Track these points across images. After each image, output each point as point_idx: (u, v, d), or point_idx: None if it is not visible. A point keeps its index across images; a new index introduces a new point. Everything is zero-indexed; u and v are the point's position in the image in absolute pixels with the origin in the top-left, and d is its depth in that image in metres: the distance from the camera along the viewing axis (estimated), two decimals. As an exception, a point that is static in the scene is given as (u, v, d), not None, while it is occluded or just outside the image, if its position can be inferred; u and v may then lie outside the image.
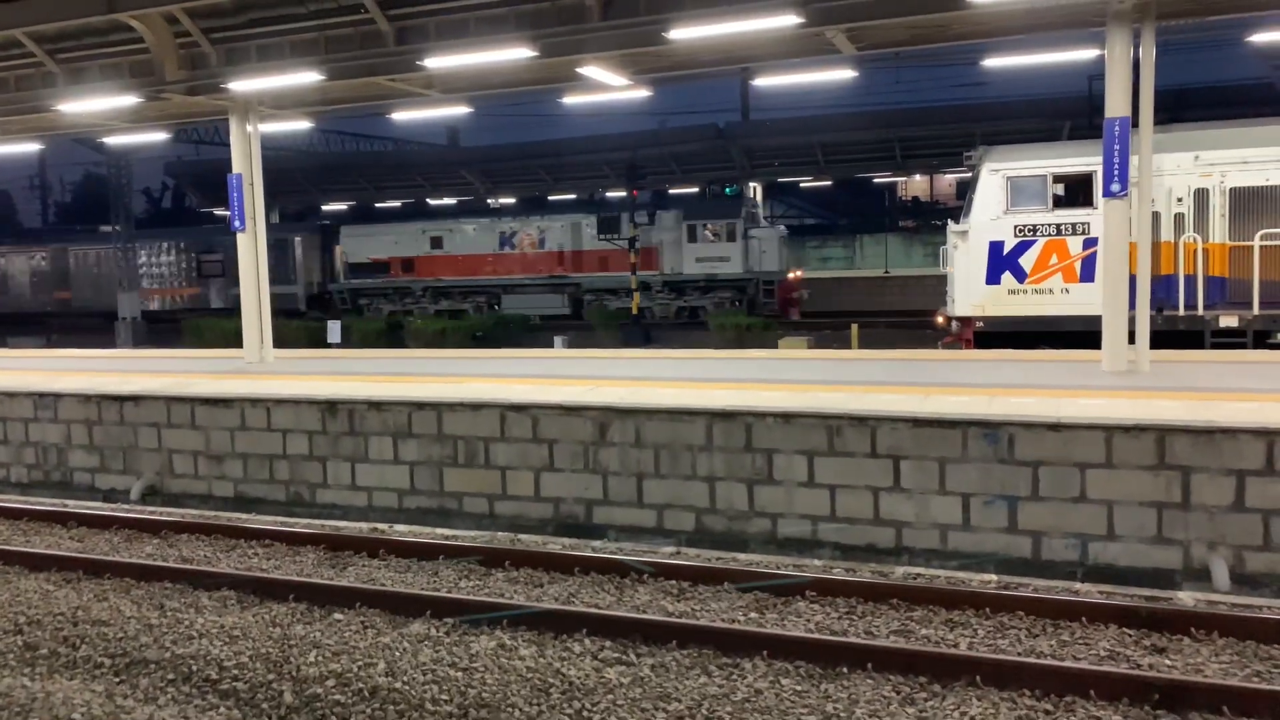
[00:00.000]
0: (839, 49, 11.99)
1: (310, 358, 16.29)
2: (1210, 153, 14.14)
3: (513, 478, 10.10)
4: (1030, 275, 14.65)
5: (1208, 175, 14.13)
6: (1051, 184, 14.58)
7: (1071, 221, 14.49)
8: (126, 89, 14.22)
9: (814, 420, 8.87)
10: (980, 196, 14.97)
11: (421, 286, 32.87)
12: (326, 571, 8.32)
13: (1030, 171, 14.67)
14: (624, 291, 29.81)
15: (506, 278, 31.77)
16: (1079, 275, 14.41)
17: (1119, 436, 7.94)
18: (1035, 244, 14.62)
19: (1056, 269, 14.54)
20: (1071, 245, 14.48)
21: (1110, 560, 8.01)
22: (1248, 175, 13.98)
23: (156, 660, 6.41)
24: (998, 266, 14.80)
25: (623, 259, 29.62)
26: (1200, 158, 14.12)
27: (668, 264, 29.56)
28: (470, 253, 32.32)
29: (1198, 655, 6.05)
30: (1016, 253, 14.70)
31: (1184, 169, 14.22)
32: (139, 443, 12.02)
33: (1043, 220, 14.60)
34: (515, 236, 31.73)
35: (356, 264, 33.85)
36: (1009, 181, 14.74)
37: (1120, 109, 10.57)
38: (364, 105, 16.31)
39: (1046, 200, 14.60)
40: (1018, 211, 14.71)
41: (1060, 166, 14.62)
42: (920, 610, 6.92)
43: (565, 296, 31.22)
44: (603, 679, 5.88)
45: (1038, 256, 14.60)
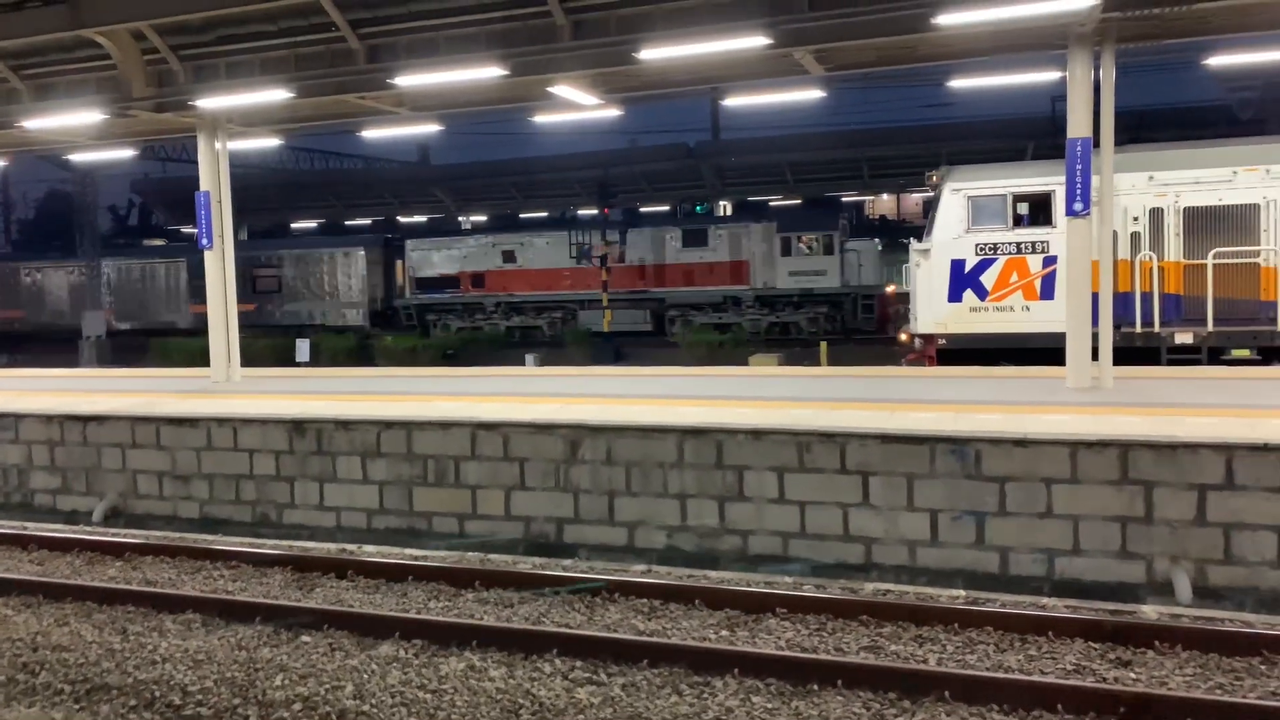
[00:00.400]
0: (807, 70, 12.12)
1: (278, 376, 16.13)
2: (1164, 173, 14.48)
3: (483, 497, 10.04)
4: (991, 293, 14.89)
5: (1162, 195, 14.46)
6: (1012, 203, 14.83)
7: (1031, 240, 14.74)
8: (93, 106, 14.07)
9: (784, 437, 8.91)
10: (942, 216, 15.19)
11: (494, 302, 31.64)
12: (294, 593, 8.21)
13: (991, 191, 14.92)
14: (710, 307, 28.95)
15: (584, 293, 30.64)
16: (1039, 293, 14.67)
17: (1084, 452, 8.04)
18: (996, 262, 14.86)
19: (1017, 287, 14.79)
20: (1032, 263, 14.74)
21: (1076, 575, 8.08)
22: (1200, 195, 14.32)
23: (119, 686, 6.28)
24: (959, 284, 15.03)
25: (710, 273, 28.71)
26: (1155, 178, 14.44)
27: (759, 278, 28.53)
28: (544, 267, 31.23)
29: (1162, 668, 6.12)
30: (978, 271, 14.94)
31: (1139, 189, 14.53)
32: (102, 463, 11.83)
33: (1003, 239, 14.85)
34: (592, 250, 30.30)
35: (424, 279, 32.39)
36: (970, 201, 14.99)
37: (1082, 129, 10.76)
38: (334, 123, 16.26)
39: (1007, 219, 14.84)
40: (979, 230, 14.96)
41: (1020, 186, 14.89)
42: (890, 626, 6.94)
43: (647, 312, 30.17)
44: (573, 699, 5.84)
45: (998, 274, 14.85)
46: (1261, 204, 14.04)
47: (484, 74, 11.97)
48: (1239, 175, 14.16)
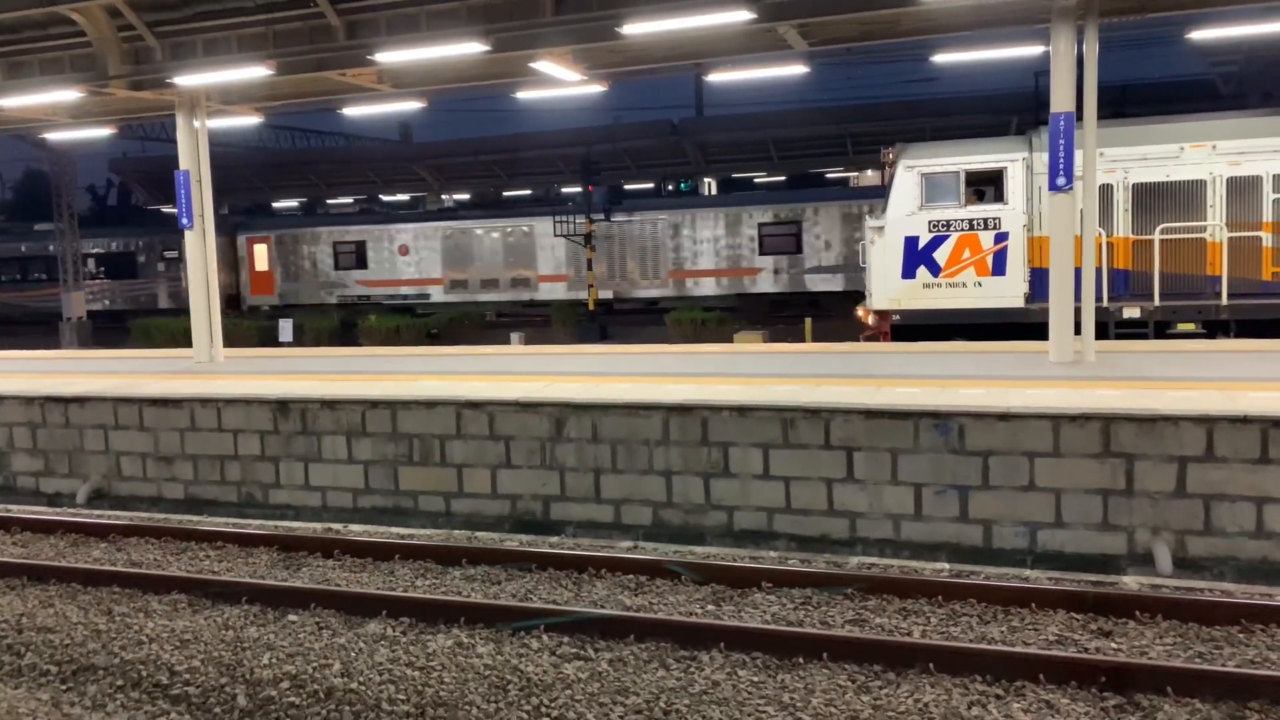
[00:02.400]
0: (791, 45, 12.07)
1: (261, 356, 16.03)
2: (1114, 149, 14.59)
3: (469, 475, 10.04)
4: (944, 269, 15.02)
5: (1111, 171, 14.57)
6: (965, 180, 14.95)
7: (983, 217, 14.87)
8: (68, 83, 13.87)
9: (769, 413, 8.93)
10: (896, 193, 15.28)
11: None
12: (280, 573, 8.21)
13: (944, 168, 15.01)
14: None
15: None
16: (990, 269, 14.83)
17: (1066, 425, 8.10)
18: (949, 239, 14.98)
19: (969, 263, 14.92)
20: (984, 239, 14.87)
21: (1058, 547, 8.17)
22: (1149, 171, 14.47)
23: (105, 666, 6.27)
24: (913, 261, 15.14)
25: None
26: (1104, 154, 14.48)
27: None
28: None
29: (1142, 638, 6.19)
30: (931, 247, 15.06)
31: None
32: (85, 445, 11.75)
33: (956, 215, 14.96)
34: None
35: None
36: (923, 178, 15.07)
37: (1065, 104, 10.76)
38: (314, 100, 16.07)
39: (959, 196, 14.97)
40: (932, 207, 15.06)
41: (972, 164, 15.00)
42: (874, 599, 7.00)
43: None
44: (561, 674, 5.87)
45: (951, 251, 14.97)
46: (1208, 180, 14.22)
47: (465, 50, 11.85)
48: (1186, 151, 14.32)
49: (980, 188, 15.09)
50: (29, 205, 55.72)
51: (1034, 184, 14.73)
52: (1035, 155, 14.75)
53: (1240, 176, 14.10)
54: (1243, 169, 14.08)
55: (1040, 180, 14.62)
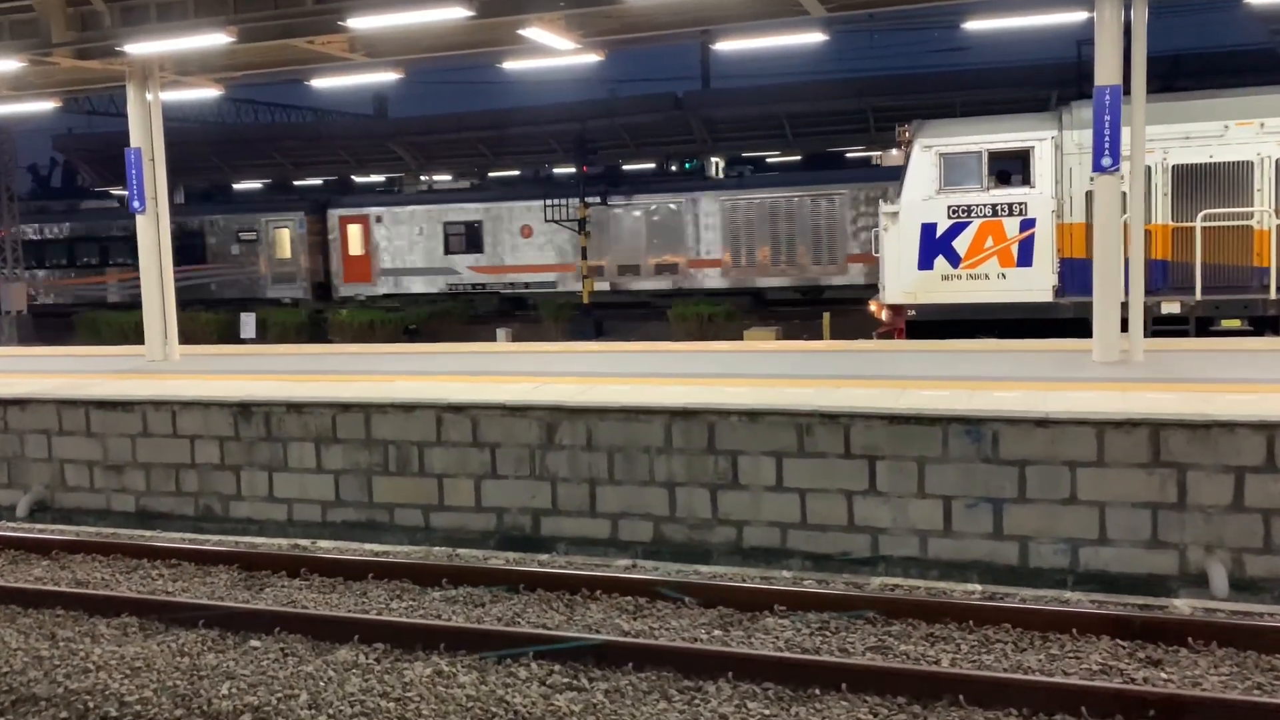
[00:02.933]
0: (807, 9, 12.06)
1: (221, 354, 16.06)
2: (1152, 127, 14.41)
3: (450, 486, 10.05)
4: (965, 259, 14.93)
5: (1150, 151, 14.34)
6: (987, 161, 14.84)
7: (1008, 201, 14.76)
8: (7, 52, 13.87)
9: (782, 418, 8.94)
10: (912, 175, 15.18)
11: None
12: (241, 594, 8.21)
13: (964, 148, 14.90)
14: None
15: None
16: (1016, 259, 14.73)
17: (1111, 432, 8.10)
18: (970, 226, 14.87)
19: (992, 252, 14.82)
20: (1008, 227, 14.76)
21: (1102, 566, 8.17)
22: (1190, 152, 14.33)
23: (47, 696, 6.28)
24: (930, 250, 15.03)
25: None
26: None
27: None
28: None
29: (1195, 667, 6.19)
30: (950, 235, 14.94)
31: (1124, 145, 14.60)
32: (26, 452, 11.76)
33: (978, 200, 14.84)
34: None
35: None
36: (942, 159, 14.97)
37: (1111, 76, 10.77)
38: (280, 71, 16.07)
39: (982, 179, 14.85)
40: (951, 191, 14.96)
41: (996, 143, 14.88)
42: (899, 624, 7.00)
43: None
44: (551, 706, 5.87)
45: (972, 239, 14.85)
46: (1255, 161, 14.09)
47: (447, 14, 11.85)
48: (1231, 130, 14.18)
49: (1005, 169, 15.01)
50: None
51: (1064, 165, 14.63)
52: (1066, 134, 14.64)
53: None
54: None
55: (1072, 161, 14.58)
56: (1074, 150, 14.59)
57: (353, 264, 31.30)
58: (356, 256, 31.17)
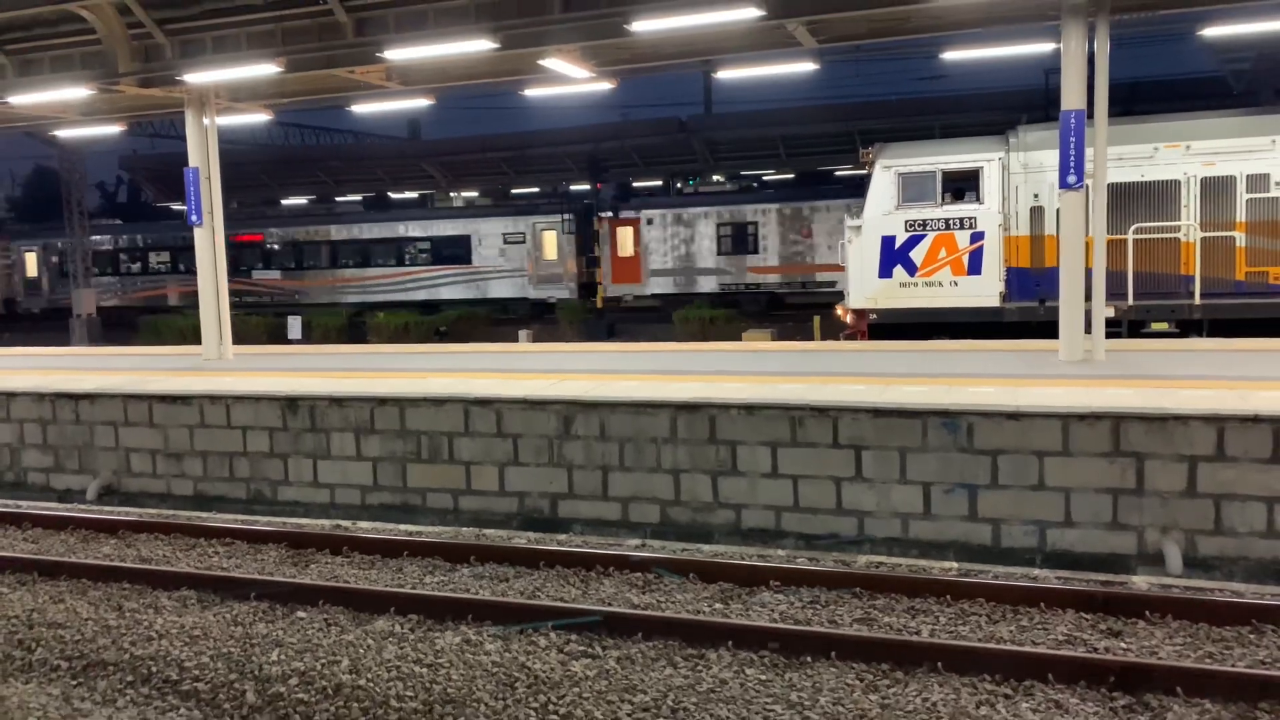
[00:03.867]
0: (800, 42, 12.05)
1: (270, 353, 16.09)
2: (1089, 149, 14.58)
3: (477, 473, 10.06)
4: (920, 268, 15.12)
5: None
6: (941, 180, 15.01)
7: (960, 216, 14.95)
8: (79, 81, 13.92)
9: (777, 411, 8.93)
10: (874, 192, 15.36)
11: None
12: (289, 569, 8.24)
13: (921, 168, 15.10)
14: None
15: None
16: (967, 268, 14.92)
17: (1075, 424, 8.07)
18: (925, 238, 15.07)
19: (945, 262, 15.01)
20: (960, 239, 14.95)
21: (1068, 546, 8.15)
22: (1123, 171, 14.50)
23: (115, 662, 6.30)
24: (890, 260, 15.22)
25: None
26: None
27: None
28: None
29: (1152, 638, 6.17)
30: (907, 247, 15.15)
31: None
32: (95, 441, 11.81)
33: (932, 215, 15.05)
34: None
35: None
36: (900, 178, 15.16)
37: (1076, 101, 10.73)
38: (323, 98, 16.09)
39: (936, 196, 15.04)
40: (909, 207, 15.15)
41: (949, 163, 15.08)
42: (883, 599, 6.99)
43: None
44: (569, 672, 5.88)
45: (927, 250, 15.06)
46: (1182, 180, 14.29)
47: (474, 47, 11.86)
48: (1160, 151, 14.35)
49: (959, 188, 15.17)
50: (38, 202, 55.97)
51: (1011, 183, 14.88)
52: (1012, 155, 14.90)
53: (1214, 177, 14.18)
54: (1217, 169, 14.17)
55: (1018, 180, 14.87)
56: (1019, 170, 14.91)
57: (621, 265, 29.65)
58: (626, 258, 29.62)
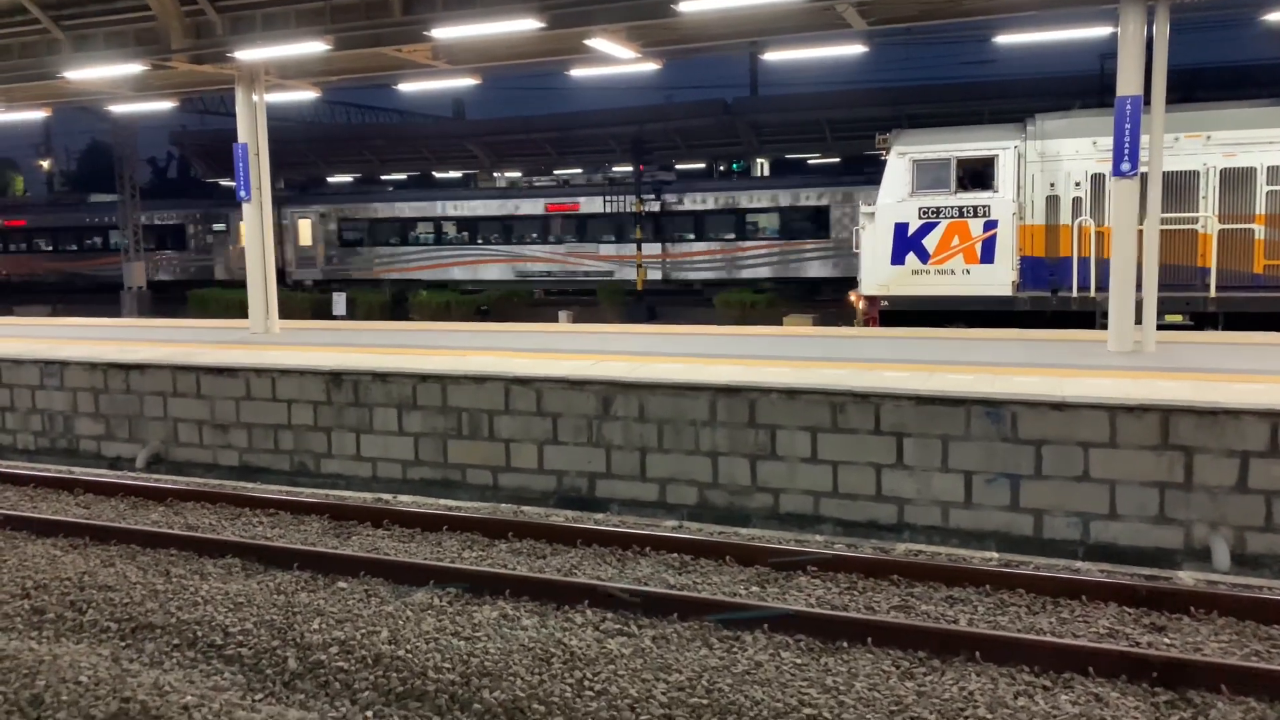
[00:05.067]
0: (849, 24, 11.88)
1: (315, 328, 16.29)
2: (1107, 139, 14.44)
3: (516, 450, 10.13)
4: (933, 256, 14.97)
5: (1105, 160, 14.31)
6: (955, 167, 14.86)
7: (973, 204, 14.77)
8: (132, 57, 14.15)
9: (818, 397, 8.88)
10: (888, 179, 15.25)
11: None
12: (330, 540, 8.37)
13: (935, 155, 14.95)
14: None
15: None
16: (979, 256, 14.75)
17: (1123, 416, 7.94)
18: (938, 226, 14.91)
19: (958, 250, 14.84)
20: (973, 227, 14.78)
21: (1111, 539, 8.03)
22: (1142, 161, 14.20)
23: (162, 625, 6.46)
24: (902, 247, 15.09)
25: None
26: (1098, 143, 14.37)
27: None
28: None
29: (1197, 634, 6.07)
30: (920, 234, 15.00)
31: (1083, 154, 14.60)
32: (144, 411, 12.07)
33: (945, 202, 14.89)
34: None
35: None
36: (915, 164, 15.01)
37: (1132, 87, 10.48)
38: (370, 76, 16.21)
39: (950, 183, 14.88)
40: (923, 194, 15.00)
41: (964, 151, 14.91)
42: (921, 586, 6.94)
43: None
44: (604, 649, 5.91)
45: (940, 238, 14.90)
46: (1201, 171, 14.05)
47: (520, 26, 11.85)
48: (1180, 141, 14.07)
49: (974, 175, 15.02)
50: (91, 176, 57.11)
51: (1027, 172, 14.71)
52: (1029, 144, 14.74)
53: (1234, 168, 13.89)
54: (1238, 160, 13.86)
55: (1034, 168, 14.72)
56: (1036, 159, 14.75)
57: None
58: None
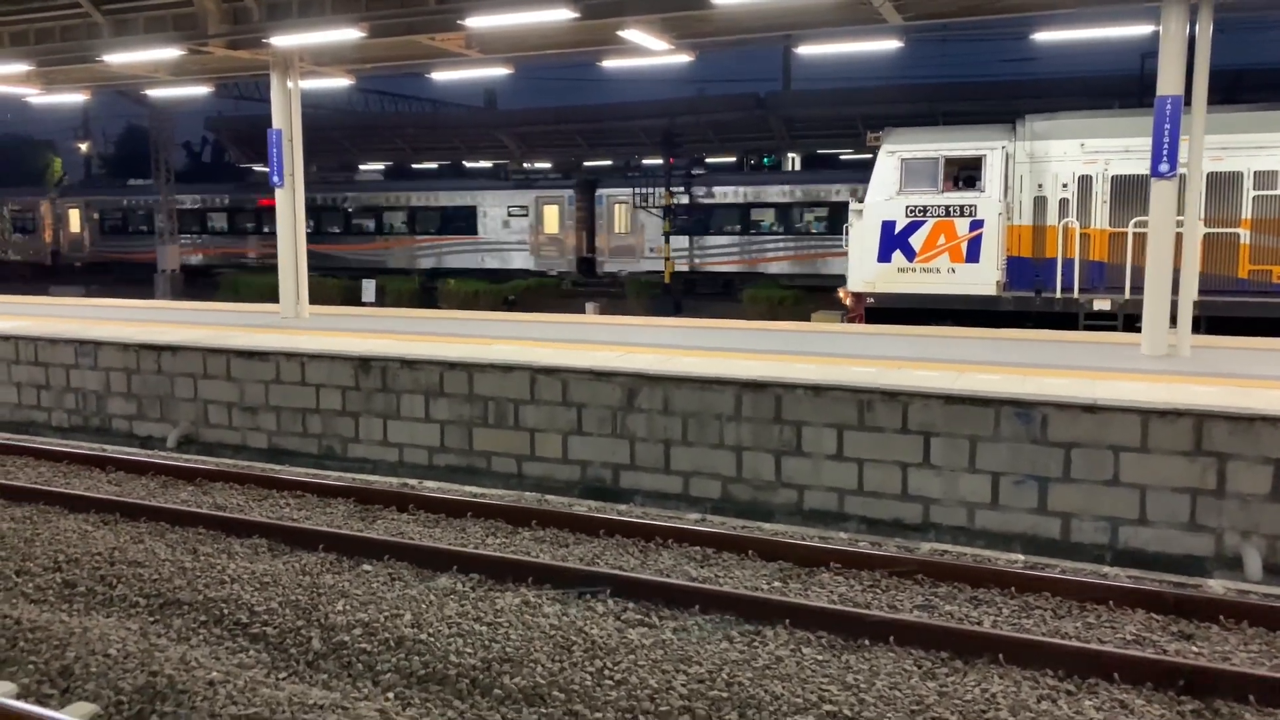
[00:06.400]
0: (885, 18, 11.79)
1: (345, 315, 16.43)
2: (1095, 140, 14.45)
3: (541, 440, 10.17)
4: (919, 254, 14.99)
5: (1092, 162, 14.45)
6: (943, 166, 14.84)
7: (960, 204, 14.76)
8: (170, 41, 14.30)
9: (845, 394, 8.84)
10: (877, 177, 15.26)
11: None
12: (356, 524, 8.45)
13: (924, 154, 14.95)
14: None
15: None
16: (964, 256, 14.75)
17: (1155, 421, 7.84)
18: (925, 224, 14.92)
19: (944, 249, 14.85)
20: (959, 226, 14.78)
21: (1140, 545, 7.94)
22: (1130, 163, 14.23)
23: (189, 602, 6.55)
24: (889, 245, 15.12)
25: None
26: (1086, 145, 14.39)
27: None
28: None
29: (1226, 643, 6.00)
30: (907, 232, 15.02)
31: (1070, 156, 14.60)
32: (175, 392, 12.23)
33: (932, 201, 14.89)
34: None
35: None
36: (903, 163, 15.02)
37: (1173, 87, 10.33)
38: (403, 64, 16.27)
39: (937, 182, 14.87)
40: (910, 192, 15.01)
41: (952, 150, 14.90)
42: (945, 586, 6.91)
43: None
44: (625, 639, 5.93)
45: (926, 236, 14.92)
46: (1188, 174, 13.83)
47: (554, 16, 11.86)
48: None
49: (962, 175, 15.00)
50: (127, 160, 57.81)
51: (1015, 173, 14.70)
52: (1019, 144, 14.72)
53: (1221, 172, 13.74)
54: (1224, 164, 13.71)
55: (1023, 169, 14.70)
56: (1025, 160, 14.74)
57: None
58: None
